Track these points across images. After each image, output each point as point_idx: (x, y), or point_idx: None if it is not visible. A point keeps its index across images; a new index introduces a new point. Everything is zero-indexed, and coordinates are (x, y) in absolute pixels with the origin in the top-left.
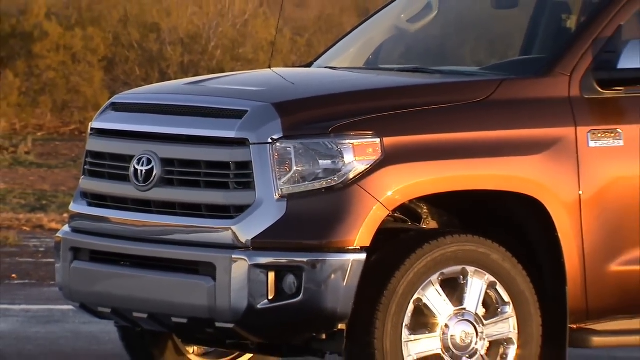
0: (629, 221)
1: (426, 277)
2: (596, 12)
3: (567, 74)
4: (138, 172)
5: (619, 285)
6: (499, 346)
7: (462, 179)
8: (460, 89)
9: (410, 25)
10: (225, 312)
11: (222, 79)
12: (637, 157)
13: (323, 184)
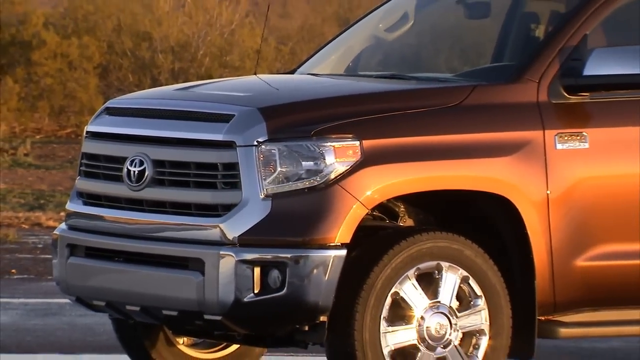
0: (594, 219)
1: (403, 271)
2: (563, 23)
3: (536, 80)
4: (131, 172)
5: (584, 280)
6: (471, 337)
7: (436, 180)
8: (435, 95)
9: (387, 35)
10: (214, 305)
11: (211, 85)
12: (601, 159)
13: (306, 184)
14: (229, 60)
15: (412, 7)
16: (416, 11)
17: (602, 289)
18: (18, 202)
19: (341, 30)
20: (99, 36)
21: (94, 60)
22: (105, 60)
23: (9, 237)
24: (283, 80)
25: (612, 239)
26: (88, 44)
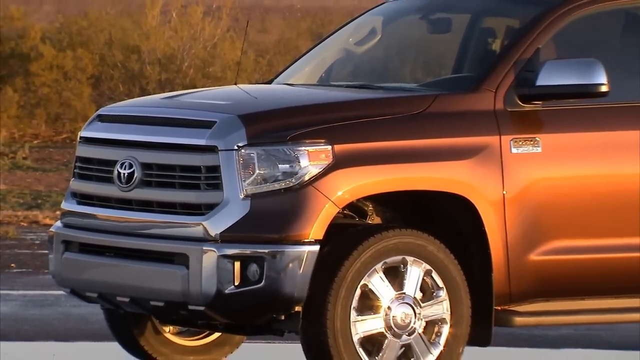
0: (546, 217)
1: (371, 265)
2: (517, 37)
3: (493, 90)
4: (121, 175)
5: (537, 273)
6: (434, 325)
7: (402, 181)
8: (400, 103)
9: (357, 48)
10: (197, 297)
11: (194, 94)
12: (553, 162)
13: (282, 185)
14: (212, 72)
15: (379, 22)
16: (383, 26)
17: (554, 281)
18: (17, 201)
19: (314, 44)
20: (91, 49)
21: (87, 71)
22: (98, 72)
23: (8, 234)
24: (261, 89)
25: (562, 235)
26: (82, 57)
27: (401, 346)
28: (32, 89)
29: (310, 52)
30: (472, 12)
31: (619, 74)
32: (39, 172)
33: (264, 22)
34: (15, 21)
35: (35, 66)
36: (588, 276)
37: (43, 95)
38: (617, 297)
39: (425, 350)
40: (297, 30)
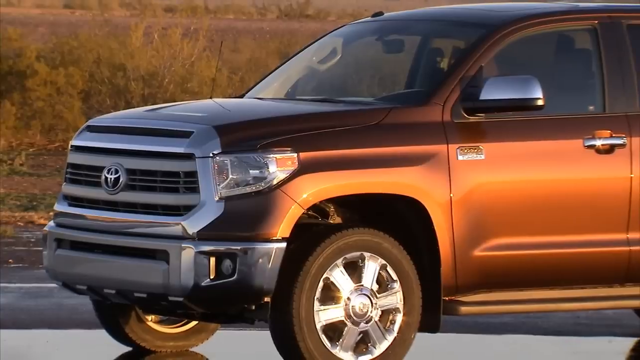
0: (489, 217)
1: (333, 260)
2: (463, 56)
3: (441, 103)
4: (108, 179)
5: (480, 267)
6: (389, 314)
7: (360, 185)
8: (359, 115)
9: (320, 65)
10: (176, 289)
11: (174, 107)
12: (494, 168)
13: (253, 189)
14: (190, 87)
15: (340, 43)
16: (343, 47)
17: (496, 274)
18: (15, 203)
19: (282, 62)
20: (82, 67)
21: (78, 86)
22: (87, 87)
23: (7, 232)
24: (234, 103)
25: (503, 233)
26: (73, 74)
27: (359, 333)
28: (28, 102)
29: (278, 70)
30: (422, 34)
31: (554, 89)
32: (34, 177)
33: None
34: (12, 42)
35: (31, 82)
36: (526, 270)
37: (38, 108)
38: (552, 289)
39: (381, 337)
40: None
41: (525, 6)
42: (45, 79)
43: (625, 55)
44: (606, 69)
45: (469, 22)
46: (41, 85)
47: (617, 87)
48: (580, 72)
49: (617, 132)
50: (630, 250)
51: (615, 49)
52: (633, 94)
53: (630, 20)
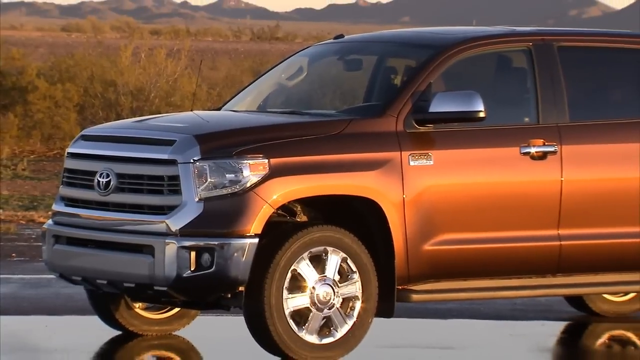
0: (437, 216)
1: (299, 254)
2: (414, 74)
3: (395, 115)
4: (100, 182)
5: (429, 259)
6: (349, 301)
7: (323, 187)
8: (322, 126)
9: (288, 82)
10: (161, 279)
11: (159, 118)
12: (442, 172)
13: (229, 191)
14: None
15: (305, 62)
16: (309, 65)
17: (443, 266)
18: (17, 204)
19: (254, 79)
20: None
21: (74, 100)
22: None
23: (10, 230)
24: (212, 115)
25: (449, 230)
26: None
27: (323, 318)
28: (29, 114)
29: (251, 85)
30: (378, 54)
31: (494, 103)
32: (35, 181)
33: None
34: (15, 61)
35: (32, 96)
36: (469, 262)
37: (38, 120)
38: (492, 279)
39: (342, 321)
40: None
41: (468, 30)
42: (45, 94)
43: (556, 73)
44: (539, 85)
45: (419, 44)
46: (41, 99)
47: (549, 101)
48: (517, 88)
49: (549, 141)
50: (560, 245)
51: (548, 67)
52: (563, 107)
53: (560, 42)
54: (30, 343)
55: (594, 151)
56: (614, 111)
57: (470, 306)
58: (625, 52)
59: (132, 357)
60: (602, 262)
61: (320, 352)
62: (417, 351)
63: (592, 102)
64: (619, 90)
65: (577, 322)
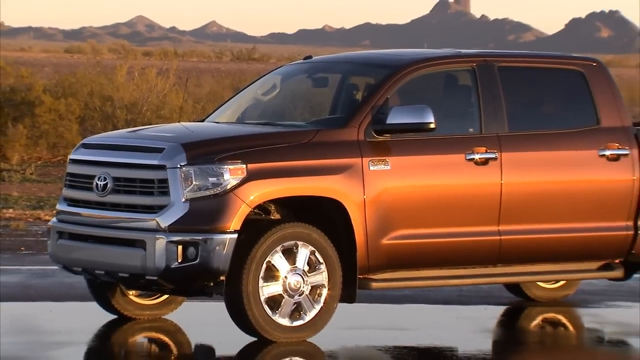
0: (393, 214)
1: (273, 247)
2: (373, 90)
3: (356, 126)
4: (98, 185)
5: (386, 252)
6: (317, 289)
7: (295, 189)
8: (293, 135)
9: (263, 97)
10: (152, 270)
11: (150, 129)
12: (398, 176)
13: (211, 192)
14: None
15: (278, 80)
16: (281, 83)
17: (399, 258)
18: (25, 204)
19: (234, 94)
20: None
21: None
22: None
23: (19, 227)
24: (196, 126)
25: (404, 226)
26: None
27: (294, 303)
28: (36, 125)
29: (231, 100)
30: (342, 73)
31: (442, 116)
32: (41, 184)
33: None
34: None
35: (39, 110)
36: (422, 254)
37: (44, 130)
38: (441, 269)
39: (311, 306)
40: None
41: (420, 52)
42: (50, 108)
43: (497, 90)
44: (482, 100)
45: (377, 64)
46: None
47: (490, 114)
48: (463, 102)
49: (490, 149)
50: (500, 239)
51: (489, 85)
52: (502, 119)
53: (500, 63)
54: (37, 326)
55: (529, 157)
56: (546, 123)
57: (423, 293)
58: (555, 71)
59: (126, 338)
60: (536, 254)
61: (292, 333)
62: (376, 332)
63: (528, 115)
64: (550, 104)
65: (515, 307)
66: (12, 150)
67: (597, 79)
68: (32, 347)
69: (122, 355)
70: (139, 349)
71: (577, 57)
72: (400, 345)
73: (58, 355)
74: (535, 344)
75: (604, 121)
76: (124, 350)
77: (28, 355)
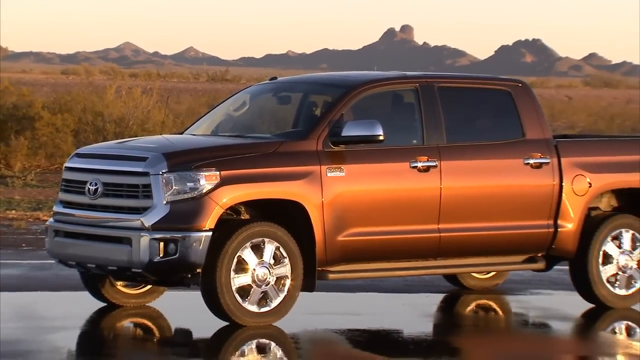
0: (347, 214)
1: (243, 244)
2: (330, 107)
3: (316, 138)
4: (90, 189)
5: (342, 247)
6: (281, 279)
7: (262, 193)
8: (260, 146)
9: (234, 113)
10: (137, 264)
11: (136, 140)
12: (351, 181)
13: (189, 196)
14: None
15: (248, 98)
16: (250, 100)
17: (352, 252)
18: (26, 206)
19: (208, 110)
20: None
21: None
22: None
23: (21, 225)
24: (176, 138)
25: (357, 225)
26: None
27: (261, 292)
28: (36, 137)
29: (206, 115)
30: (303, 92)
31: (390, 129)
32: (40, 188)
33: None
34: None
35: (38, 124)
36: (372, 249)
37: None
38: (389, 261)
39: (276, 295)
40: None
41: (370, 74)
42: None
43: (437, 107)
44: (424, 116)
45: (334, 84)
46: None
47: (431, 128)
48: (407, 118)
49: (431, 158)
50: (440, 236)
51: (430, 102)
52: (442, 132)
53: (440, 84)
54: (36, 312)
55: (465, 165)
56: (479, 135)
57: (373, 283)
58: (487, 91)
59: (114, 323)
60: (471, 249)
61: (259, 318)
62: (333, 317)
63: (463, 128)
64: (482, 119)
65: (453, 294)
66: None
67: (522, 97)
68: (31, 331)
69: (111, 338)
70: (126, 332)
71: (505, 78)
72: (354, 329)
73: (55, 338)
74: (470, 326)
75: (528, 134)
76: (112, 334)
77: (28, 339)
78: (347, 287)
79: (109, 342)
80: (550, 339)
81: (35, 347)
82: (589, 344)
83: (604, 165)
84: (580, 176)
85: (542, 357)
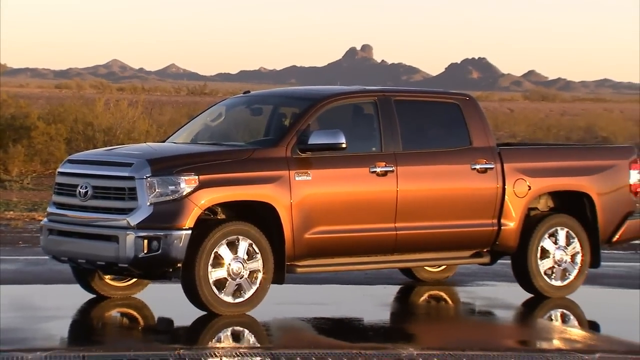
0: (313, 214)
1: (219, 241)
2: (297, 118)
3: (285, 146)
4: (81, 192)
5: (308, 244)
6: (254, 273)
7: (237, 195)
8: (235, 153)
9: (212, 123)
10: (123, 259)
11: (122, 147)
12: (317, 185)
13: (171, 198)
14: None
15: (224, 109)
16: (226, 112)
17: (318, 249)
18: (23, 207)
19: (188, 120)
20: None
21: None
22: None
23: (18, 225)
24: (159, 145)
25: (322, 224)
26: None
27: (236, 285)
28: (32, 145)
29: (186, 125)
30: (273, 104)
31: (352, 138)
32: (36, 191)
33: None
34: (22, 109)
35: (34, 133)
36: (336, 246)
37: (38, 149)
38: (351, 257)
39: (249, 287)
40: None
41: (334, 88)
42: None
43: (394, 118)
44: (382, 126)
45: (301, 97)
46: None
47: (388, 137)
48: (367, 127)
49: (388, 163)
50: (396, 234)
51: (387, 114)
52: (398, 141)
53: (396, 97)
54: (32, 303)
55: (419, 170)
56: (431, 143)
57: (337, 275)
58: (438, 103)
59: (103, 312)
60: (424, 245)
61: (234, 308)
62: (301, 306)
63: (417, 137)
64: (434, 129)
65: (407, 286)
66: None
67: (469, 110)
68: (28, 320)
69: (100, 326)
70: (114, 321)
71: (454, 92)
72: (319, 317)
73: (49, 326)
74: (423, 314)
75: (475, 142)
76: (101, 323)
77: (25, 327)
78: (313, 279)
79: (98, 330)
80: (495, 325)
81: (30, 334)
82: (529, 329)
83: (541, 170)
84: (521, 180)
85: (487, 341)
